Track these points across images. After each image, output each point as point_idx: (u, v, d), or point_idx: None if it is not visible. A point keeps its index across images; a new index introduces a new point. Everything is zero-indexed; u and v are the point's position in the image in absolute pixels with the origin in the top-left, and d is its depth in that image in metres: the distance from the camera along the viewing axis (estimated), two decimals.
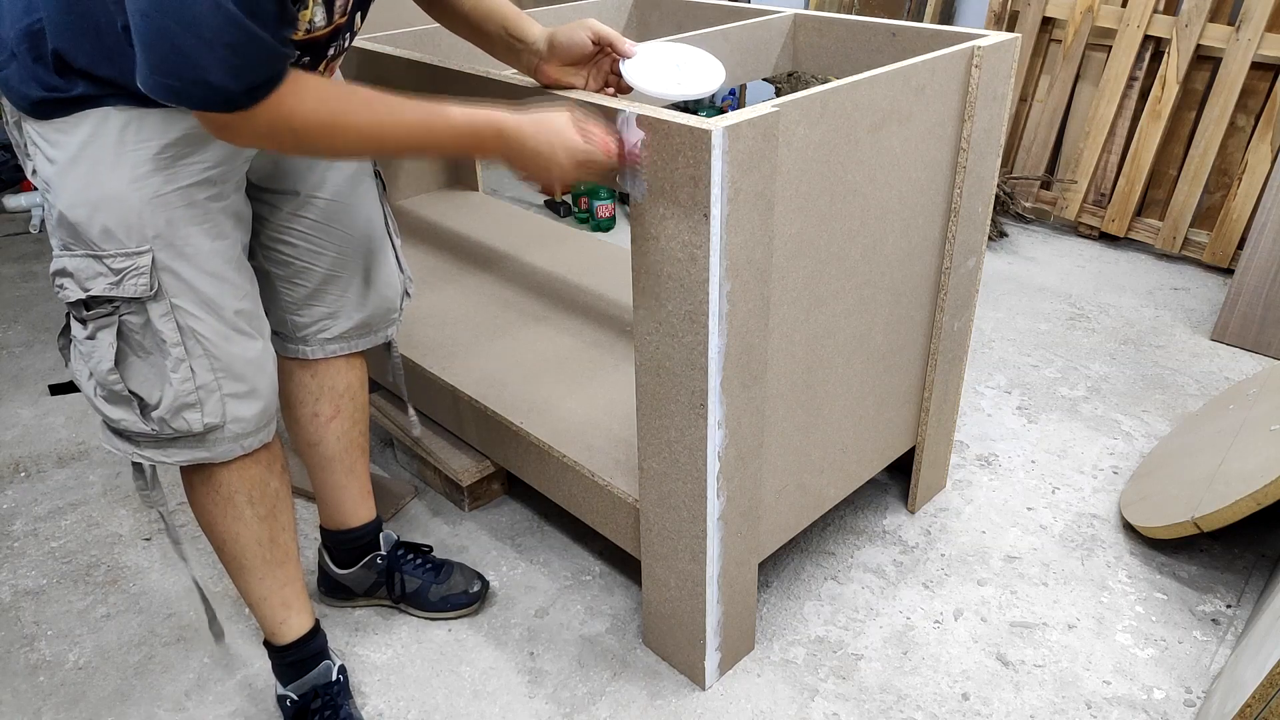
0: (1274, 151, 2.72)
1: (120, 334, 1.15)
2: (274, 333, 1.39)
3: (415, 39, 1.81)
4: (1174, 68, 2.87)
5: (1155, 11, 2.89)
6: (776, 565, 1.78)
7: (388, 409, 2.03)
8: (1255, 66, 2.74)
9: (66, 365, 1.22)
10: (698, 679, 1.54)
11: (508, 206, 2.74)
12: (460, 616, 1.69)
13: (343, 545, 1.63)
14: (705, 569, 1.39)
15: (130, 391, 1.18)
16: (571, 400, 1.79)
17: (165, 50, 0.94)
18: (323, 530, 1.64)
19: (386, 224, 1.47)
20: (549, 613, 1.70)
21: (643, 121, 1.16)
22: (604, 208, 3.32)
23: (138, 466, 1.27)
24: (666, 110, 1.17)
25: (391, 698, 1.54)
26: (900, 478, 1.99)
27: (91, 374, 1.18)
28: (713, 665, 1.52)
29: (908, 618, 1.67)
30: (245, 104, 0.98)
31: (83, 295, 1.13)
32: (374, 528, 1.65)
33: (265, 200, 1.33)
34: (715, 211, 1.13)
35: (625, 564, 1.79)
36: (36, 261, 3.11)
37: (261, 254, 1.36)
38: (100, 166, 1.09)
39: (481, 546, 1.86)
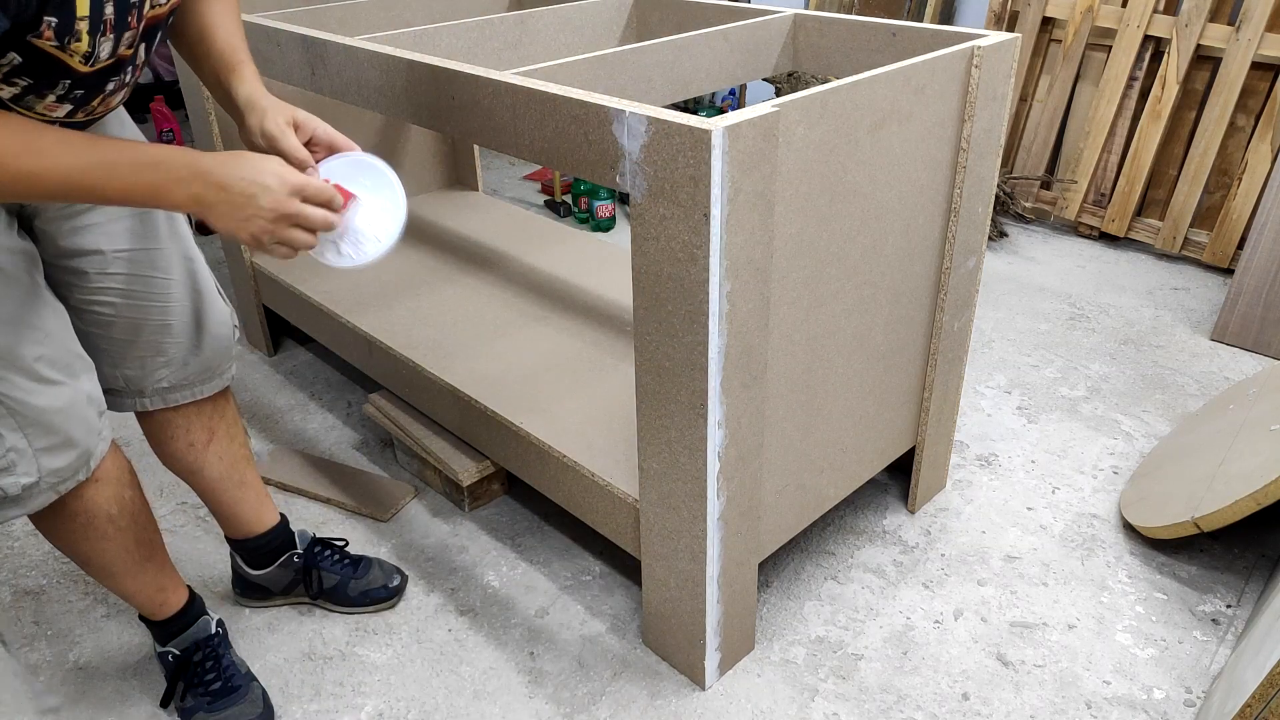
0: (1274, 151, 2.72)
1: None
2: (110, 390, 1.34)
3: (414, 39, 1.81)
4: (1174, 68, 2.87)
5: (1155, 11, 2.89)
6: (776, 565, 1.78)
7: (388, 409, 2.03)
8: (1255, 66, 2.74)
9: None
10: (698, 679, 1.54)
11: (508, 206, 2.75)
12: (378, 611, 1.70)
13: (252, 552, 1.63)
14: (705, 569, 1.40)
15: None
16: (571, 400, 1.79)
17: None
18: (230, 540, 1.63)
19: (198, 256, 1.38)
20: (549, 613, 1.70)
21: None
22: (604, 208, 3.32)
23: None
24: (666, 110, 1.17)
25: (391, 698, 1.54)
26: (900, 478, 1.99)
27: None
28: (713, 665, 1.52)
29: (908, 618, 1.67)
30: None
31: None
32: (282, 528, 1.64)
33: (69, 267, 1.22)
34: (715, 211, 1.13)
35: (625, 564, 1.79)
36: None
37: (80, 319, 1.26)
38: None
39: (481, 546, 1.86)
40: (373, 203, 1.17)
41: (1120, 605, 1.69)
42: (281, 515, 1.65)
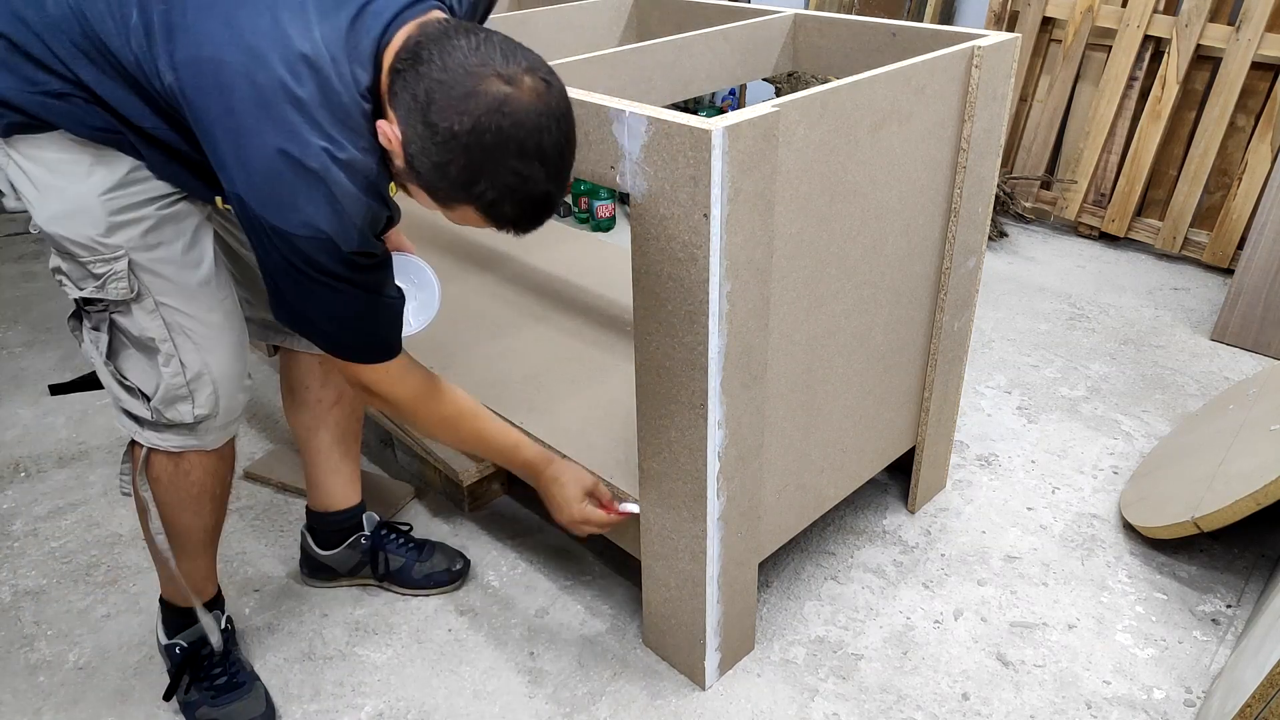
0: (1274, 151, 2.72)
1: (113, 329, 1.24)
2: (267, 323, 1.47)
3: None
4: (1174, 68, 2.87)
5: (1155, 11, 2.89)
6: (776, 565, 1.78)
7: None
8: (1255, 66, 2.74)
9: (80, 346, 1.30)
10: (698, 679, 1.54)
11: None
12: (443, 593, 1.74)
13: (329, 527, 1.70)
14: (705, 569, 1.39)
15: (128, 381, 1.27)
16: (571, 400, 1.79)
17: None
18: (309, 512, 1.70)
19: None
20: (549, 613, 1.70)
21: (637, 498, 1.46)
22: (604, 208, 3.32)
23: (132, 445, 1.35)
24: (666, 110, 1.17)
25: (391, 698, 1.54)
26: (900, 478, 1.99)
27: (99, 357, 1.27)
28: (713, 665, 1.52)
29: (908, 618, 1.67)
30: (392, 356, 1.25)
31: (78, 294, 1.22)
32: (359, 510, 1.72)
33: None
34: (715, 211, 1.13)
35: (625, 564, 1.79)
36: (36, 261, 3.11)
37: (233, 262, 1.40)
38: (72, 181, 1.16)
39: (481, 546, 1.86)
40: (416, 296, 1.48)
41: (1120, 605, 1.69)
42: (362, 500, 1.72)
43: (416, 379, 1.30)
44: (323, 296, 1.13)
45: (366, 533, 1.72)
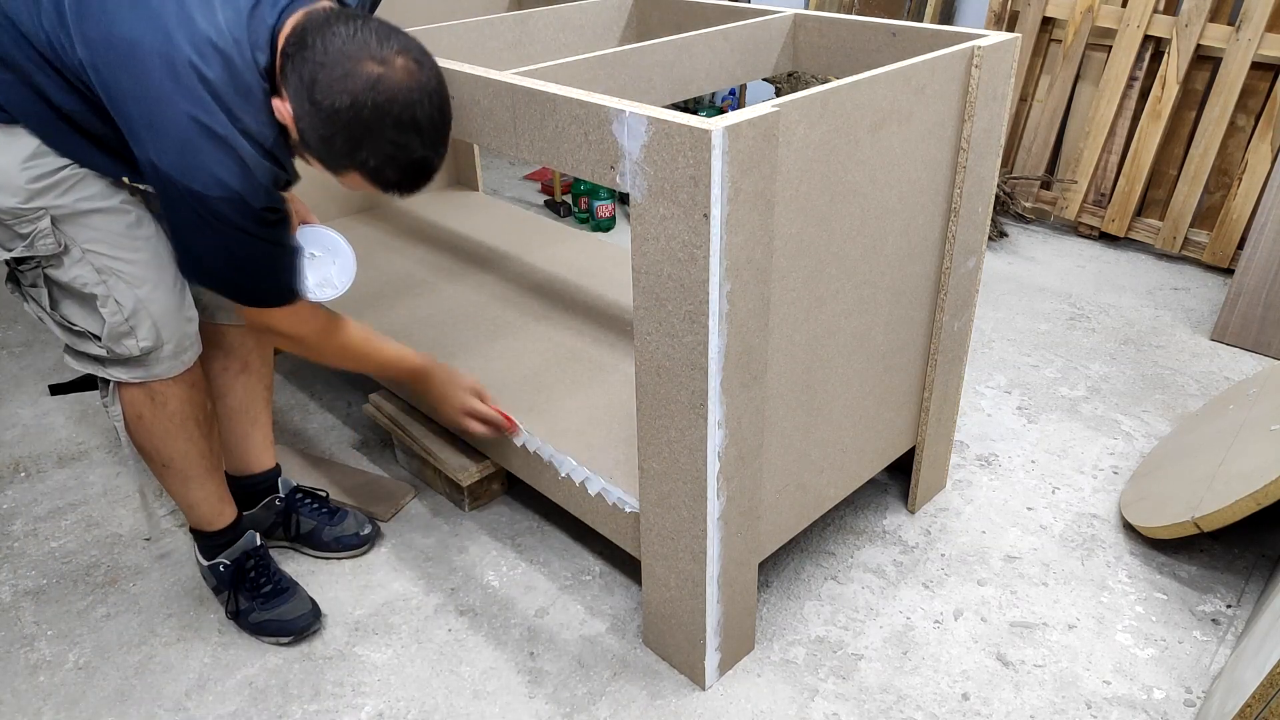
0: (1274, 151, 2.72)
1: (48, 281, 1.35)
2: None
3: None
4: (1174, 68, 2.87)
5: (1155, 11, 2.89)
6: (776, 565, 1.78)
7: (387, 408, 2.03)
8: (1255, 66, 2.74)
9: (24, 305, 1.41)
10: (698, 679, 1.54)
11: (508, 206, 2.75)
12: (351, 557, 1.82)
13: (244, 489, 1.77)
14: (705, 569, 1.39)
15: (74, 326, 1.37)
16: (571, 400, 1.79)
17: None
18: (227, 475, 1.73)
19: None
20: (549, 613, 1.70)
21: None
22: (604, 208, 3.32)
23: (103, 383, 1.45)
24: (666, 110, 1.17)
25: (391, 698, 1.54)
26: (900, 478, 1.99)
27: (44, 310, 1.37)
28: (713, 665, 1.52)
29: (908, 618, 1.67)
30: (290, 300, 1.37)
31: (8, 256, 1.31)
32: (274, 474, 1.80)
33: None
34: (715, 211, 1.13)
35: (625, 564, 1.79)
36: None
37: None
38: None
39: (481, 546, 1.86)
40: (335, 261, 1.58)
41: (1120, 605, 1.69)
42: (277, 464, 1.82)
43: (317, 315, 1.46)
44: (233, 249, 1.26)
45: (281, 495, 1.80)
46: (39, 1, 1.18)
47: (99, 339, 1.37)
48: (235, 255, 1.27)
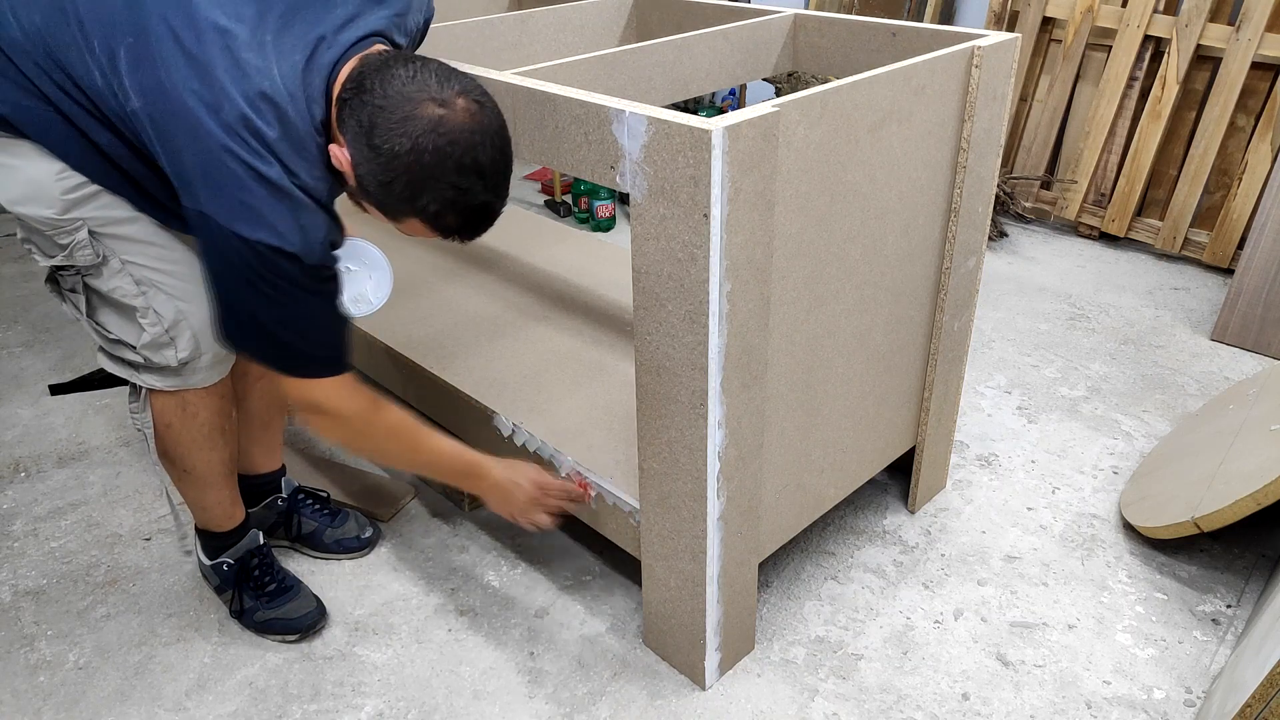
0: (1274, 151, 2.72)
1: (88, 290, 1.34)
2: None
3: None
4: (1174, 68, 2.87)
5: (1155, 11, 2.89)
6: (776, 565, 1.78)
7: None
8: (1255, 66, 2.74)
9: (62, 306, 1.40)
10: (698, 679, 1.54)
11: (508, 206, 2.74)
12: (352, 558, 1.82)
13: (248, 487, 1.75)
14: (705, 569, 1.39)
15: (111, 334, 1.37)
16: (571, 400, 1.79)
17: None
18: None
19: None
20: (549, 613, 1.70)
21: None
22: (604, 208, 3.32)
23: (134, 389, 1.44)
24: (666, 110, 1.17)
25: (391, 698, 1.54)
26: (900, 478, 1.99)
27: (81, 315, 1.37)
28: (713, 665, 1.52)
29: (908, 618, 1.67)
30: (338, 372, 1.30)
31: (48, 264, 1.32)
32: (278, 475, 1.81)
33: None
34: (715, 211, 1.13)
35: (625, 564, 1.79)
36: (36, 261, 3.11)
37: None
38: (28, 162, 1.23)
39: (481, 546, 1.86)
40: (371, 276, 1.56)
41: (1120, 605, 1.69)
42: (282, 466, 1.82)
43: (362, 394, 1.34)
44: (284, 307, 1.20)
45: (283, 495, 1.80)
46: (91, 48, 1.15)
47: (134, 347, 1.37)
48: (284, 315, 1.21)
